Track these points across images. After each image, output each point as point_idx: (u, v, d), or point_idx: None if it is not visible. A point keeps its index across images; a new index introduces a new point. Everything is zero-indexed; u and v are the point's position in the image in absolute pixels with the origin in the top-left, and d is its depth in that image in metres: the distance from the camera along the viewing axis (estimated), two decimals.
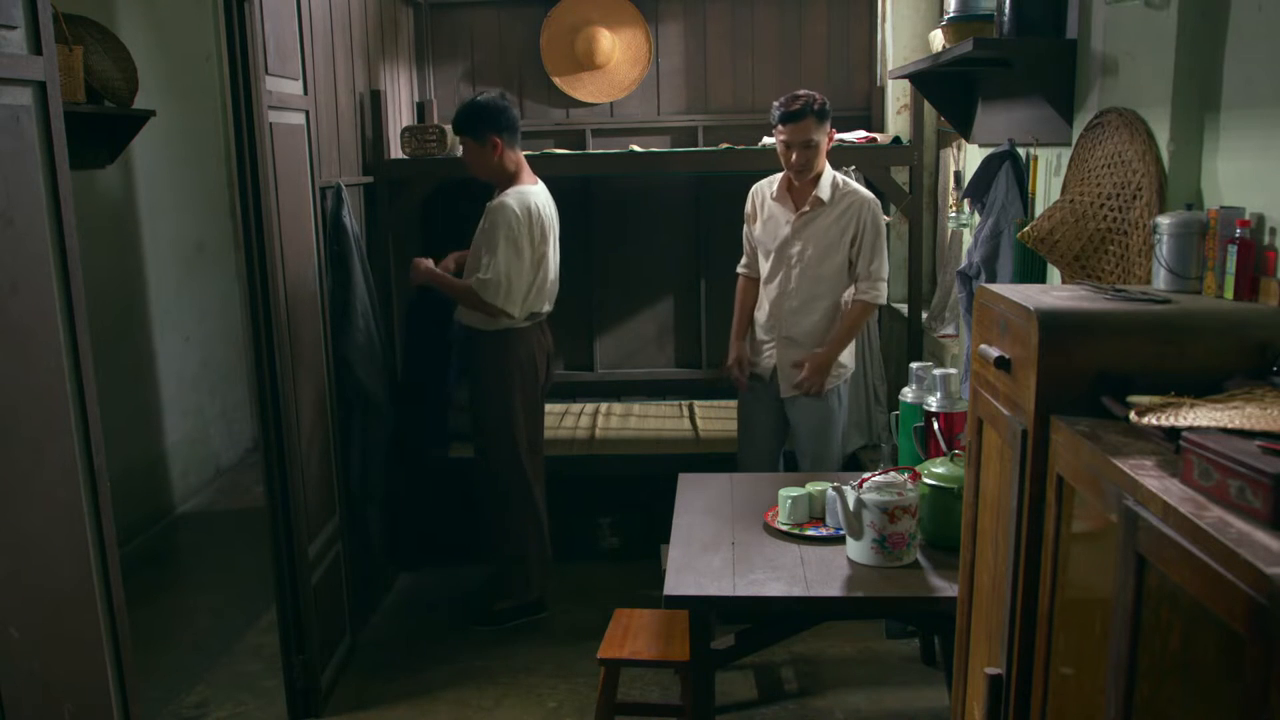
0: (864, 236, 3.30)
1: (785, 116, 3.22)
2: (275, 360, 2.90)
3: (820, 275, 3.34)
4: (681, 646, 2.63)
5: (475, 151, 3.42)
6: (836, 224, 3.30)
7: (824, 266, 3.33)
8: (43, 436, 1.78)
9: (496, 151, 3.39)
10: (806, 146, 3.21)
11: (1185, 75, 1.93)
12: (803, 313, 3.37)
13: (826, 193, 3.30)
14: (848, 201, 3.31)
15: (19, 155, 1.73)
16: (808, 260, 3.34)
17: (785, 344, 3.41)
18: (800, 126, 3.20)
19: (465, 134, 3.42)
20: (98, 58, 3.48)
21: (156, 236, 4.80)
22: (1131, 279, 2.02)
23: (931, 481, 2.37)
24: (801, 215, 3.33)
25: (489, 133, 3.37)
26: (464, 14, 4.74)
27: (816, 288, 3.35)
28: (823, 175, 3.31)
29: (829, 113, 3.26)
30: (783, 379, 3.44)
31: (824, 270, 3.33)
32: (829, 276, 3.34)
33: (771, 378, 3.46)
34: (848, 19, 4.64)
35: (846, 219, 3.30)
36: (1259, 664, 0.89)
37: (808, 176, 3.29)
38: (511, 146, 3.43)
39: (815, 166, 3.27)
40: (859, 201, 3.31)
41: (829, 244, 3.31)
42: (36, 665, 1.74)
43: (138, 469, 4.59)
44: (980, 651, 1.78)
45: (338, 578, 3.36)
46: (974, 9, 2.70)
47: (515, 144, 3.46)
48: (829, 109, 3.26)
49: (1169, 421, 1.25)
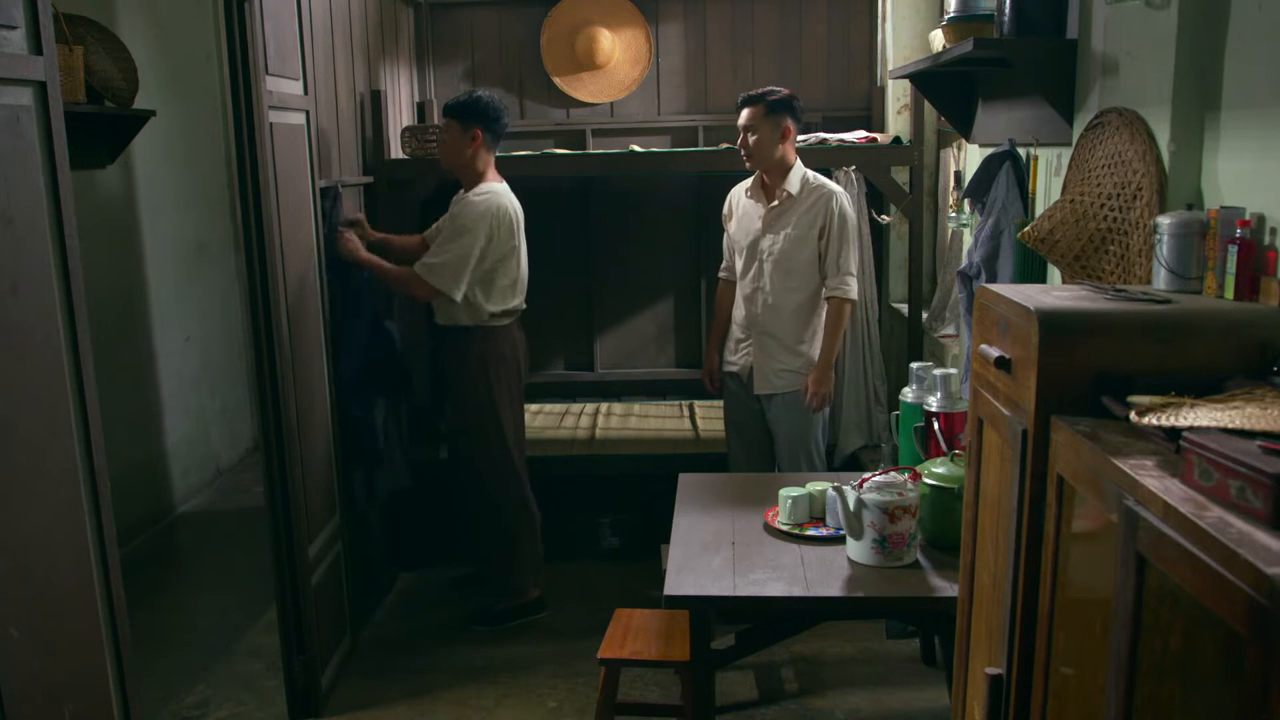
0: (831, 228, 3.33)
1: (738, 102, 3.37)
2: (275, 360, 2.90)
3: (791, 269, 3.37)
4: (682, 646, 2.63)
5: (455, 137, 3.45)
6: (805, 217, 3.35)
7: (795, 261, 3.36)
8: (43, 436, 1.78)
9: (474, 145, 3.43)
10: (750, 132, 3.31)
11: (1186, 75, 1.93)
12: (776, 308, 3.41)
13: (795, 187, 3.35)
14: (816, 195, 3.35)
15: (19, 155, 1.73)
16: (779, 254, 3.37)
17: (761, 341, 3.45)
18: (747, 113, 3.33)
19: (453, 117, 3.46)
20: (98, 57, 3.48)
21: (156, 236, 4.80)
22: (1132, 279, 2.02)
23: (932, 481, 2.37)
24: (771, 210, 3.39)
25: (475, 124, 3.42)
26: (464, 14, 4.74)
27: (788, 281, 3.38)
28: (792, 170, 3.36)
29: (788, 109, 3.31)
30: (759, 376, 3.46)
31: (795, 264, 3.37)
32: (800, 270, 3.37)
33: (749, 376, 3.49)
34: (848, 19, 4.64)
35: (815, 212, 3.34)
36: (1259, 664, 0.89)
37: (758, 167, 3.38)
38: (489, 148, 3.49)
39: (762, 156, 3.34)
40: (826, 194, 3.35)
41: (798, 237, 3.35)
42: (36, 665, 1.74)
43: (138, 469, 4.59)
44: (980, 651, 1.78)
45: (338, 578, 3.36)
46: (974, 9, 2.70)
47: (493, 148, 3.52)
48: (791, 106, 3.32)
49: (1169, 421, 1.25)
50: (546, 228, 4.47)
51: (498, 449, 3.54)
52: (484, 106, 3.45)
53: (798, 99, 3.37)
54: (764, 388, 3.45)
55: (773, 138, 3.30)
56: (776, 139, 3.31)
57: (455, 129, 3.45)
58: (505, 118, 3.52)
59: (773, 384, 3.44)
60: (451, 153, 3.48)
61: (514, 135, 4.78)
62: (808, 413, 3.42)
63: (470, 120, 3.43)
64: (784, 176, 3.36)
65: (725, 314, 3.62)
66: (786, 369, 3.42)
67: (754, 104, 3.31)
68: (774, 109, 3.29)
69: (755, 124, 3.30)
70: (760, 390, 3.46)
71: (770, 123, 3.29)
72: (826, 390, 3.37)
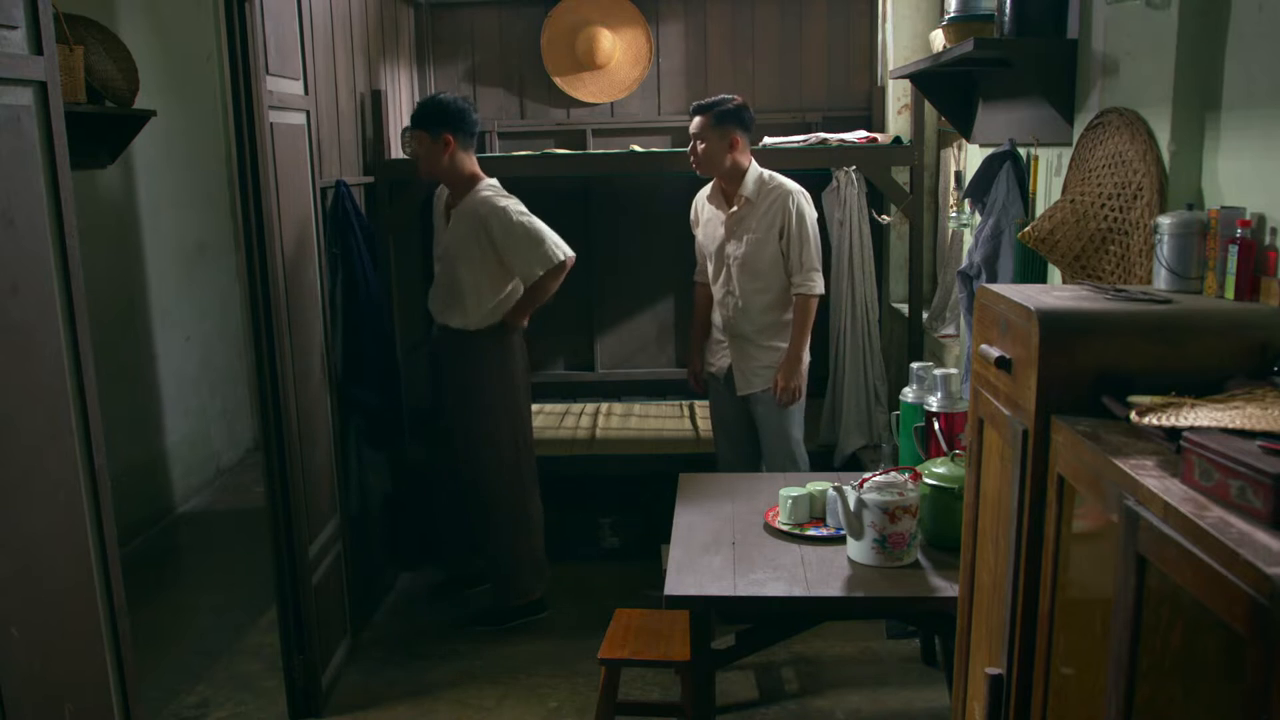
0: (789, 227, 3.35)
1: (690, 109, 3.42)
2: (275, 360, 2.90)
3: (756, 271, 3.40)
4: (682, 646, 2.63)
5: (427, 147, 3.40)
6: (764, 218, 3.37)
7: (759, 262, 3.39)
8: (43, 436, 1.78)
9: (447, 150, 3.38)
10: (699, 140, 3.35)
11: (1186, 75, 1.92)
12: (747, 310, 3.43)
13: (750, 189, 3.38)
14: (773, 196, 3.37)
15: (19, 155, 1.73)
16: (743, 258, 3.40)
17: (737, 342, 3.48)
18: (697, 121, 3.35)
19: (420, 128, 3.40)
20: (98, 58, 3.48)
21: (157, 236, 4.81)
22: (1132, 279, 2.02)
23: (932, 481, 2.37)
24: (731, 215, 3.41)
25: (443, 130, 3.37)
26: (465, 14, 4.74)
27: (755, 283, 3.41)
28: (747, 175, 3.38)
29: (735, 120, 3.33)
30: (738, 377, 3.49)
31: (759, 266, 3.39)
32: (765, 271, 3.40)
33: (728, 376, 3.52)
34: (848, 19, 4.64)
35: (773, 213, 3.36)
36: (1260, 664, 0.89)
37: (708, 174, 3.42)
38: (465, 149, 3.43)
39: (711, 165, 3.36)
40: (783, 194, 3.36)
41: (759, 239, 3.37)
42: (37, 665, 1.74)
43: (138, 469, 4.59)
44: (981, 651, 1.78)
45: (338, 578, 3.36)
46: (974, 9, 2.70)
47: (470, 148, 3.46)
48: (739, 116, 3.34)
49: (1170, 421, 1.25)
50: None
51: (495, 449, 3.53)
52: (446, 108, 3.38)
53: (748, 109, 3.38)
54: (744, 388, 3.49)
55: (720, 147, 3.33)
56: (724, 148, 3.33)
57: (425, 139, 3.38)
58: (473, 113, 3.46)
59: (752, 383, 3.48)
60: (429, 165, 3.42)
61: (514, 135, 4.79)
62: (783, 410, 3.44)
63: (437, 127, 3.36)
64: (739, 182, 3.38)
65: (703, 317, 3.66)
66: (764, 366, 3.45)
67: (702, 113, 3.34)
68: (719, 120, 3.31)
69: (703, 133, 3.33)
70: (741, 391, 3.50)
71: (717, 133, 3.32)
72: (796, 384, 3.40)
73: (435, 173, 3.45)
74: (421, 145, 3.42)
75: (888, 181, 3.95)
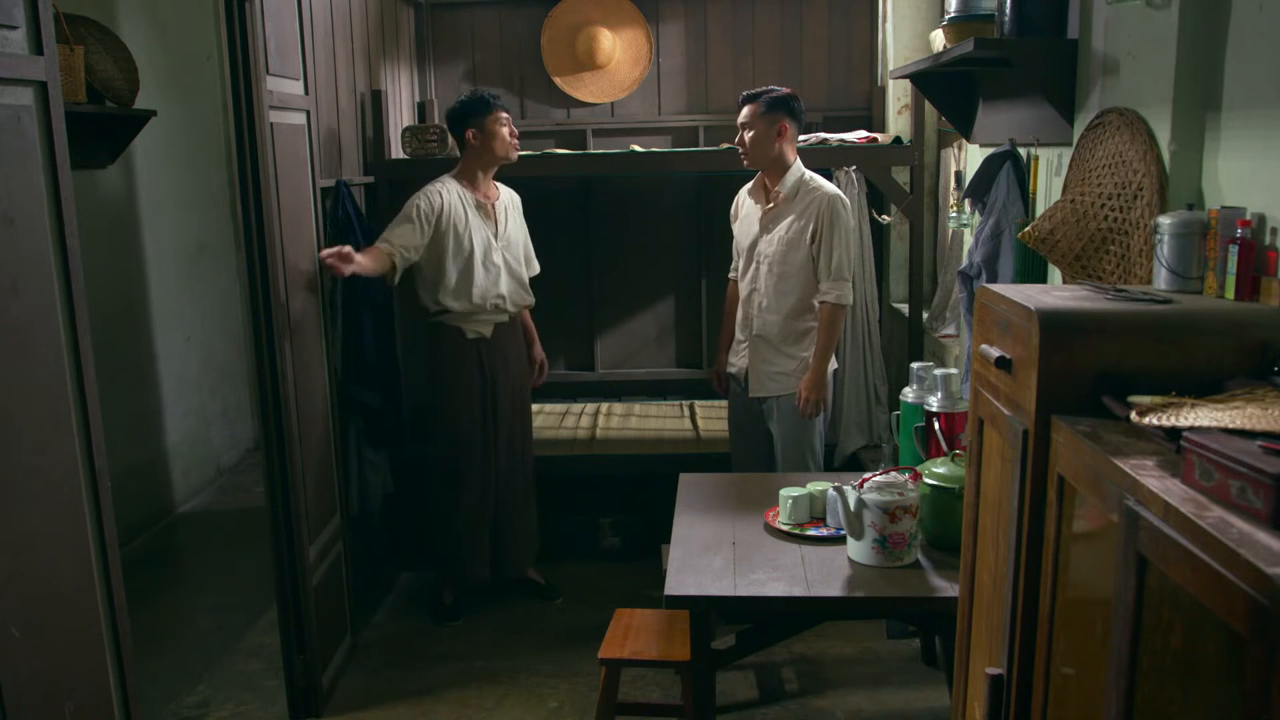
0: (822, 231, 3.30)
1: (739, 100, 3.38)
2: (275, 360, 2.90)
3: (785, 272, 3.34)
4: (682, 646, 2.63)
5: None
6: (798, 220, 3.32)
7: (788, 263, 3.33)
8: (44, 436, 1.78)
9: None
10: (747, 129, 3.32)
11: (1186, 75, 1.92)
12: (771, 310, 3.38)
13: (788, 187, 3.33)
14: (810, 198, 3.32)
15: (20, 155, 1.73)
16: (773, 256, 3.36)
17: (756, 343, 3.43)
18: (746, 110, 3.32)
19: (450, 129, 3.60)
20: (99, 58, 3.49)
21: (157, 236, 4.81)
22: (1132, 279, 2.02)
23: (932, 481, 2.37)
24: (767, 211, 3.37)
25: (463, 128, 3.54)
26: (465, 14, 4.74)
27: (783, 284, 3.35)
28: (789, 171, 3.34)
29: (785, 108, 3.29)
30: (753, 379, 3.44)
31: (788, 267, 3.33)
32: (793, 274, 3.34)
33: (745, 377, 3.48)
34: (848, 19, 4.64)
35: (808, 215, 3.31)
36: (1260, 664, 0.89)
37: (754, 165, 3.38)
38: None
39: (758, 154, 3.33)
40: (819, 197, 3.32)
41: (791, 239, 3.32)
42: (37, 665, 1.74)
43: (138, 469, 4.59)
44: (981, 651, 1.78)
45: (338, 578, 3.36)
46: (975, 9, 2.70)
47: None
48: (789, 105, 3.30)
49: (1170, 421, 1.25)
50: (547, 228, 4.47)
51: (441, 439, 3.58)
52: (463, 104, 3.52)
53: (798, 99, 3.34)
54: (759, 390, 3.43)
55: (768, 135, 3.28)
56: (772, 137, 3.29)
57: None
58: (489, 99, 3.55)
59: (767, 387, 3.41)
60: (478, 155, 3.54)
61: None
62: (804, 418, 3.41)
63: (457, 126, 3.53)
64: (781, 176, 3.34)
65: (734, 314, 3.59)
66: (780, 372, 3.39)
67: (751, 101, 3.30)
68: (770, 107, 3.28)
69: (751, 121, 3.30)
70: (755, 393, 3.44)
71: (766, 120, 3.28)
72: (820, 396, 3.31)
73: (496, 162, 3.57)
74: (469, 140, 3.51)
75: (888, 181, 3.95)
